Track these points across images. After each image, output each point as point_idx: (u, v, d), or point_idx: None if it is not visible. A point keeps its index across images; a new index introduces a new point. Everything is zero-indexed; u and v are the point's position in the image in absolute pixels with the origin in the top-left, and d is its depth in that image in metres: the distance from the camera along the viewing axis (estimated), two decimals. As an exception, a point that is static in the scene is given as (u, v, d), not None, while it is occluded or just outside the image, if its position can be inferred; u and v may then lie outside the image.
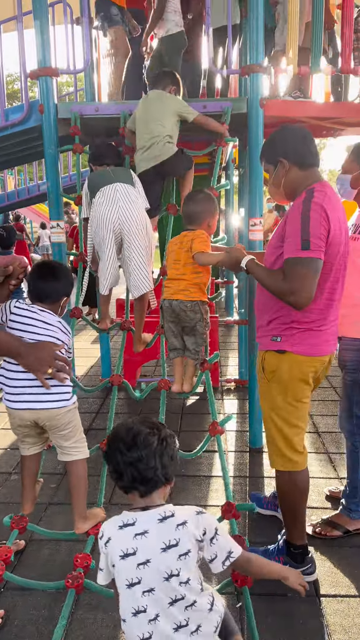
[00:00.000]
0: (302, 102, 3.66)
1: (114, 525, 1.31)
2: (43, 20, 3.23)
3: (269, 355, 2.09)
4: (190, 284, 2.51)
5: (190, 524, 1.28)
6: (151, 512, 1.30)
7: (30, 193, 7.89)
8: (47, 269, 2.11)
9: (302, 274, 1.84)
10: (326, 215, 1.86)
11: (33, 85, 3.58)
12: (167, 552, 1.25)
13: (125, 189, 2.65)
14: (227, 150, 5.24)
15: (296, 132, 2.08)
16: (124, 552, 1.27)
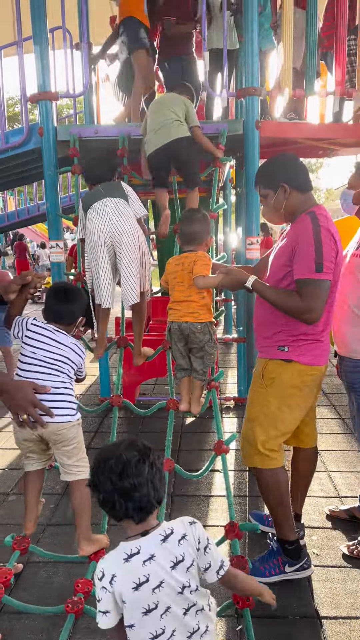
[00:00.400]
0: (297, 123, 3.73)
1: (115, 561, 1.28)
2: (43, 45, 3.31)
3: (272, 363, 2.23)
4: (199, 306, 2.52)
5: (189, 536, 1.31)
6: (152, 536, 1.30)
7: (30, 213, 7.97)
8: (62, 292, 2.19)
9: (316, 293, 2.04)
10: (334, 240, 2.05)
11: (34, 108, 3.65)
12: (175, 569, 1.28)
13: (114, 202, 2.69)
14: (225, 171, 5.31)
15: (293, 159, 2.26)
16: (136, 582, 1.25)
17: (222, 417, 4.33)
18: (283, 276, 2.18)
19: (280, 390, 2.20)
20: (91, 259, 2.75)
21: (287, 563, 2.29)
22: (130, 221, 2.69)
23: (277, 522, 2.31)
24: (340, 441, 3.76)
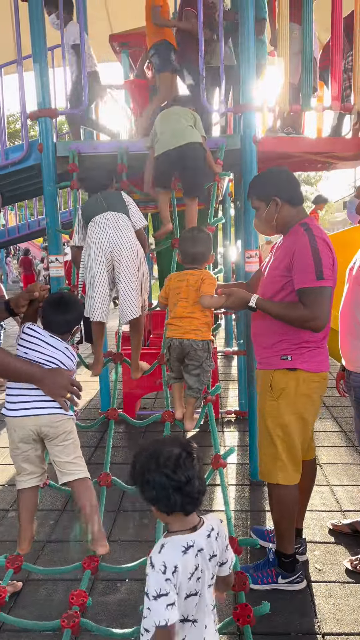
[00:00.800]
0: (294, 137, 3.76)
1: (176, 553, 1.31)
2: (42, 64, 3.35)
3: (278, 373, 2.24)
4: (201, 323, 2.53)
5: (221, 534, 1.42)
6: (201, 531, 1.38)
7: (30, 228, 8.02)
8: (58, 302, 2.24)
9: (319, 301, 2.08)
10: (329, 248, 2.10)
11: (34, 125, 3.69)
12: (211, 561, 1.38)
13: (115, 217, 2.72)
14: (223, 185, 5.35)
15: (285, 173, 2.31)
16: (191, 572, 1.32)
17: (224, 430, 4.31)
18: (281, 287, 2.21)
19: (291, 400, 2.20)
20: (86, 271, 2.76)
21: (281, 575, 2.32)
22: (131, 236, 2.72)
23: (279, 535, 2.33)
24: (342, 454, 3.74)
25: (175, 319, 2.58)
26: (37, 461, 2.14)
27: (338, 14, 3.52)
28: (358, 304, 2.38)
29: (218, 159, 3.32)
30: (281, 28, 3.42)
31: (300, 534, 2.55)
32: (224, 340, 7.97)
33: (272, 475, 2.27)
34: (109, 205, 2.76)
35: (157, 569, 1.28)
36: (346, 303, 2.48)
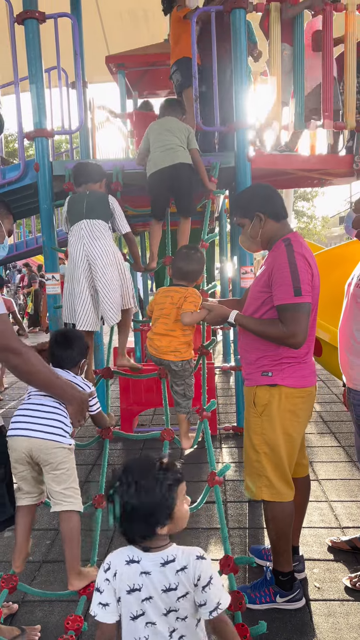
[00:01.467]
0: (287, 155, 3.81)
1: (121, 559, 1.33)
2: (39, 85, 3.41)
3: (260, 390, 2.23)
4: (180, 343, 2.53)
5: (189, 569, 1.31)
6: (153, 556, 1.32)
7: (28, 246, 8.06)
8: (62, 338, 2.30)
9: (297, 317, 2.07)
10: (308, 263, 2.09)
11: (32, 144, 3.74)
12: (167, 594, 1.30)
13: (89, 225, 2.78)
14: (219, 202, 5.40)
15: (267, 189, 2.33)
16: (130, 587, 1.30)
17: (222, 446, 4.29)
18: (262, 303, 2.22)
19: (275, 417, 2.19)
20: (67, 279, 2.85)
21: (279, 593, 2.29)
22: (105, 243, 2.77)
23: (275, 553, 2.31)
24: (340, 470, 3.72)
25: (155, 335, 2.59)
26: (33, 482, 2.12)
27: (329, 35, 3.59)
28: (356, 320, 2.38)
29: (212, 177, 3.36)
30: (273, 48, 3.48)
31: (297, 551, 2.52)
32: (222, 355, 7.97)
33: (257, 492, 2.25)
34: (87, 210, 2.82)
35: (103, 566, 1.34)
36: (344, 319, 2.48)
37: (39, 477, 2.13)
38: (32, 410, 2.05)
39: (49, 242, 3.50)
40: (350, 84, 3.56)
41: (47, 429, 2.01)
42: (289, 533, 2.28)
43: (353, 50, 3.58)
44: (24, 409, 2.07)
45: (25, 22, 3.33)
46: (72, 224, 2.86)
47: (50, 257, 3.56)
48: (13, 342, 1.77)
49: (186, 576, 1.30)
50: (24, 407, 2.08)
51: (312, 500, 3.23)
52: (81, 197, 2.88)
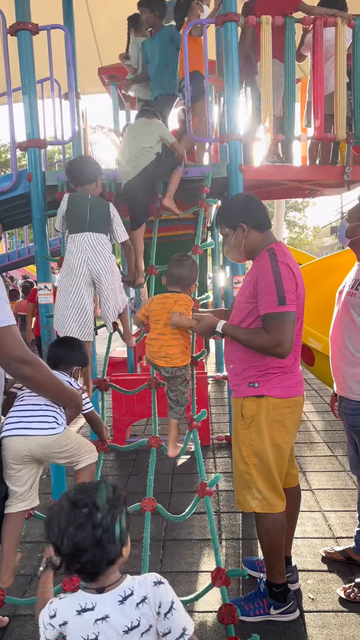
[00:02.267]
0: (278, 166, 3.85)
1: (70, 607, 1.22)
2: (31, 96, 3.42)
3: (247, 401, 2.24)
4: (170, 347, 2.52)
5: (149, 599, 1.22)
6: (110, 595, 1.22)
7: (20, 256, 8.04)
8: (64, 340, 2.41)
9: (282, 326, 2.07)
10: (292, 272, 2.11)
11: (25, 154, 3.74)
12: (129, 634, 1.19)
13: (92, 239, 2.86)
14: (211, 212, 5.43)
15: (253, 200, 2.34)
16: (84, 638, 1.20)
17: (215, 456, 4.28)
18: (247, 313, 2.23)
19: (263, 427, 2.19)
20: (62, 287, 2.89)
21: (273, 605, 2.27)
22: (108, 256, 2.88)
23: (268, 564, 2.29)
24: (333, 479, 3.71)
25: (149, 340, 2.62)
26: (28, 483, 2.09)
27: (319, 48, 3.64)
28: (347, 329, 2.39)
29: (204, 187, 3.38)
30: (264, 63, 3.52)
31: (289, 562, 2.51)
32: (214, 365, 7.97)
33: (247, 504, 2.25)
34: (90, 223, 2.87)
35: (47, 612, 1.24)
36: (335, 328, 2.49)
37: (33, 478, 2.11)
38: (26, 410, 2.07)
39: (41, 252, 3.49)
40: (340, 97, 3.60)
41: (42, 424, 2.04)
42: (281, 544, 2.27)
43: (343, 63, 3.63)
44: (17, 410, 2.09)
45: (18, 34, 3.35)
46: (73, 232, 2.90)
47: (43, 267, 3.55)
48: (25, 353, 1.74)
49: (148, 607, 1.21)
50: (18, 409, 2.09)
51: (305, 510, 3.23)
52: (83, 203, 2.91)
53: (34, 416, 2.05)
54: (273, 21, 3.45)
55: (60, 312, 2.89)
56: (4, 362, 1.75)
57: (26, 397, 2.12)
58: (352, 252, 2.60)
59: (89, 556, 1.17)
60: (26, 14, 3.35)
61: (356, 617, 2.28)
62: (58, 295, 2.91)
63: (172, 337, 2.52)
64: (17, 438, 2.02)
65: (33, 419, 2.05)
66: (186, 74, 3.58)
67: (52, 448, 2.06)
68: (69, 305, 2.84)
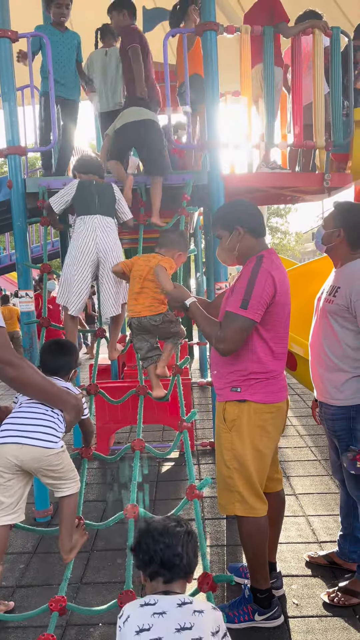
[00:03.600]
0: (258, 173, 3.88)
1: (135, 604, 1.41)
2: (11, 103, 3.40)
3: (230, 405, 2.25)
4: (153, 299, 2.63)
5: (206, 615, 1.37)
6: (172, 597, 1.40)
7: (2, 263, 7.98)
8: (57, 347, 2.37)
9: (232, 327, 2.12)
10: (272, 280, 2.11)
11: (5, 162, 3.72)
12: (180, 634, 1.31)
13: (102, 221, 3.01)
14: (193, 218, 5.44)
15: (251, 205, 2.37)
16: (139, 627, 1.32)
17: (199, 462, 4.27)
18: None
19: (244, 432, 2.20)
20: (68, 265, 3.02)
21: (257, 611, 2.27)
22: (115, 239, 3.04)
23: (252, 570, 2.30)
24: (317, 484, 3.73)
25: (131, 295, 2.75)
26: (17, 494, 2.06)
27: (298, 58, 3.69)
28: (325, 335, 2.41)
29: (185, 194, 3.40)
30: (243, 69, 3.55)
31: (274, 567, 2.51)
32: (199, 371, 7.98)
33: (229, 508, 2.26)
34: (100, 206, 3.03)
35: (120, 615, 1.43)
36: (314, 334, 2.51)
37: (22, 490, 2.08)
38: (23, 417, 2.04)
39: (22, 259, 3.46)
40: (318, 105, 3.65)
41: (39, 435, 2.01)
42: (264, 549, 2.27)
43: (320, 72, 3.69)
44: (14, 417, 2.06)
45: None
46: (83, 214, 3.03)
47: (24, 274, 3.52)
48: (9, 355, 1.79)
49: (203, 619, 1.35)
50: (15, 415, 2.06)
51: (289, 515, 3.24)
52: (91, 188, 3.07)
53: (32, 425, 2.02)
54: (252, 30, 3.49)
55: (62, 289, 3.04)
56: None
57: (24, 405, 2.10)
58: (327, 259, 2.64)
59: (178, 551, 1.44)
60: (6, 22, 3.34)
61: (340, 622, 2.29)
62: (63, 271, 3.08)
63: (155, 291, 2.63)
64: (10, 446, 1.99)
65: (30, 427, 2.01)
66: (186, 78, 3.59)
67: (44, 463, 2.02)
68: (73, 281, 2.98)
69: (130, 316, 2.73)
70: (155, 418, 4.34)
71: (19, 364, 1.83)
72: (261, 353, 2.19)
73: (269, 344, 2.19)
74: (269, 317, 2.15)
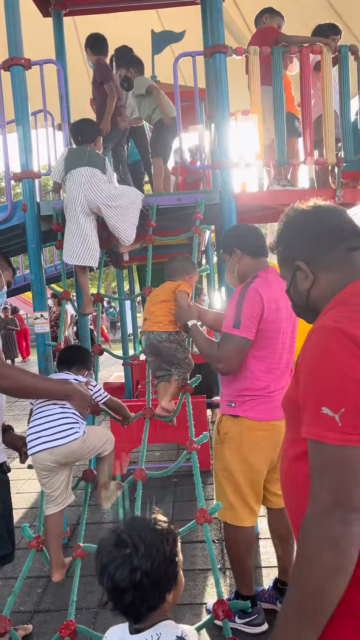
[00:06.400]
0: (270, 191, 3.90)
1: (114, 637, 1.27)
2: (25, 128, 3.47)
3: (225, 418, 2.36)
4: (165, 317, 2.67)
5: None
6: (139, 637, 1.21)
7: (16, 283, 8.06)
8: (72, 346, 2.54)
9: (227, 347, 2.21)
10: (260, 298, 2.17)
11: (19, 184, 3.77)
12: None
13: (88, 172, 3.17)
14: (205, 237, 5.46)
15: (249, 228, 2.49)
16: None
17: (209, 482, 4.22)
18: None
19: (235, 445, 2.28)
20: (67, 223, 3.23)
21: (237, 614, 2.34)
22: (102, 186, 3.18)
23: (234, 574, 2.41)
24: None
25: (145, 315, 2.79)
26: (62, 485, 2.22)
27: (306, 70, 3.71)
28: None
29: (198, 213, 3.42)
30: (253, 91, 3.59)
31: (284, 584, 2.51)
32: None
33: (221, 514, 2.35)
34: (89, 160, 3.21)
35: None
36: None
37: (65, 482, 2.24)
38: (42, 423, 2.15)
39: (37, 280, 3.49)
40: (328, 121, 3.67)
41: (61, 433, 2.13)
42: (247, 556, 2.35)
43: (329, 88, 3.70)
44: (35, 425, 2.16)
45: (12, 69, 3.41)
46: (70, 169, 3.21)
47: (39, 296, 3.55)
48: None
49: None
50: (35, 424, 2.17)
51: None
52: (82, 150, 3.30)
53: (52, 427, 2.13)
54: (261, 51, 3.53)
55: (66, 245, 3.21)
56: None
57: (39, 409, 2.20)
58: None
59: (128, 598, 1.14)
60: (19, 50, 3.42)
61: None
62: (65, 233, 3.25)
63: (167, 311, 2.67)
64: (42, 453, 2.12)
65: (52, 430, 2.13)
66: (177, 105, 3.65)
67: (77, 453, 2.17)
68: (72, 235, 3.15)
69: (141, 332, 2.79)
70: (169, 437, 4.31)
71: (8, 374, 1.94)
72: (255, 370, 2.25)
73: (263, 362, 2.25)
74: (260, 334, 2.21)
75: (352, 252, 1.16)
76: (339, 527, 0.93)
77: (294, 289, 1.26)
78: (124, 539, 1.17)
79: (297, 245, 1.24)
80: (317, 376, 1.00)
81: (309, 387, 1.02)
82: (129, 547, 1.15)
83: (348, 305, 1.06)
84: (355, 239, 1.19)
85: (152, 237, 3.40)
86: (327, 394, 0.97)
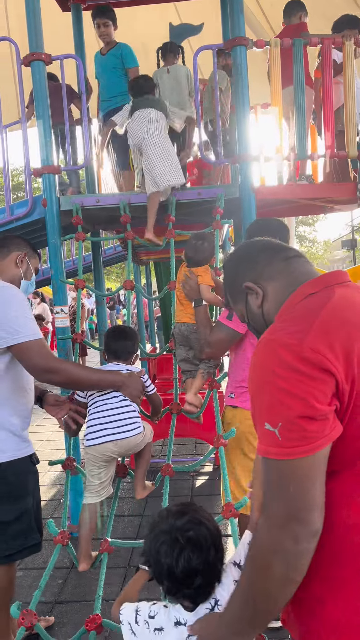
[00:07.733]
0: (290, 185, 3.87)
1: (168, 619, 1.26)
2: (46, 124, 3.48)
3: (227, 409, 2.46)
4: (192, 314, 2.66)
5: None
6: (200, 609, 1.25)
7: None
8: (118, 331, 2.51)
9: (217, 335, 2.33)
10: None
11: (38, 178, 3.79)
12: None
13: (153, 113, 3.49)
14: (223, 231, 5.45)
15: (256, 224, 2.51)
16: None
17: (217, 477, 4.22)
18: None
19: (235, 436, 2.34)
20: (147, 146, 3.48)
21: None
22: (160, 126, 3.49)
23: None
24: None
25: (177, 302, 2.84)
26: (109, 475, 2.27)
27: (328, 68, 3.67)
28: None
29: (218, 208, 3.40)
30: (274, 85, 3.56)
31: None
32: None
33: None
34: (152, 103, 3.52)
35: (148, 609, 1.31)
36: None
37: (111, 473, 2.30)
38: (106, 416, 2.19)
39: (57, 275, 3.52)
40: (350, 114, 3.63)
41: (127, 427, 2.18)
42: None
43: (352, 81, 3.66)
44: (97, 417, 2.20)
45: (32, 64, 3.42)
46: (137, 109, 3.53)
47: (59, 290, 3.57)
48: (52, 363, 1.95)
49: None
50: (97, 416, 2.20)
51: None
52: (146, 97, 3.59)
53: (117, 420, 2.19)
54: (281, 43, 3.50)
55: (149, 173, 3.44)
56: (34, 374, 1.98)
57: (99, 402, 2.23)
58: None
59: (205, 577, 1.18)
60: (39, 45, 3.43)
61: None
62: (143, 161, 3.50)
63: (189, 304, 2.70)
64: (107, 444, 2.17)
65: (117, 423, 2.18)
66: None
67: (139, 445, 2.24)
68: (160, 158, 3.41)
69: (175, 321, 2.84)
70: (188, 432, 4.32)
71: (62, 368, 1.99)
72: None
73: None
74: None
75: (289, 260, 1.23)
76: (290, 543, 0.95)
77: (250, 315, 1.28)
78: (196, 518, 1.23)
79: (240, 271, 1.28)
80: (258, 391, 1.02)
81: (254, 403, 1.04)
82: (202, 525, 1.21)
83: (285, 315, 1.09)
84: (287, 250, 1.26)
85: (172, 231, 3.39)
86: (266, 409, 0.99)
